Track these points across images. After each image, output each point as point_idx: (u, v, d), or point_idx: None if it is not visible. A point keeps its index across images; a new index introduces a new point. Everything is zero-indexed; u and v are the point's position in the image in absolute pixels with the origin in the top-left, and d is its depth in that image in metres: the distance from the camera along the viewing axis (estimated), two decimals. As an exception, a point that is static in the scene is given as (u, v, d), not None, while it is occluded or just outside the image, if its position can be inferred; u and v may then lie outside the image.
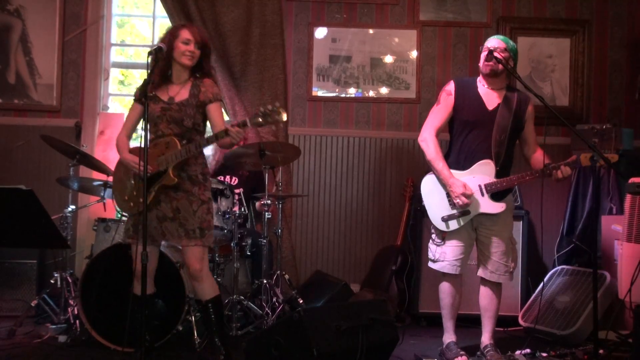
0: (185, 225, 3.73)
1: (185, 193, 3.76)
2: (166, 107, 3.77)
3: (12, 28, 5.91)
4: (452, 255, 4.06)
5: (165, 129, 3.77)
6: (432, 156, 4.07)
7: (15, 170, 5.81)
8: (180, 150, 3.67)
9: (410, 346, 4.46)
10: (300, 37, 6.03)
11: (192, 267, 3.77)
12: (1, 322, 4.80)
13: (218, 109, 3.84)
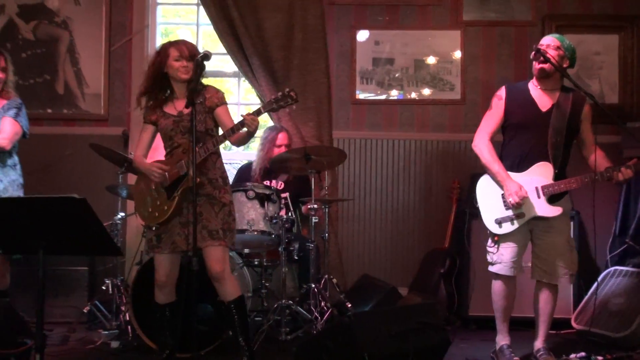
0: (208, 227, 3.79)
1: (206, 197, 3.83)
2: (178, 119, 3.87)
3: (60, 39, 6.02)
4: (508, 256, 4.00)
5: (180, 139, 3.87)
6: (487, 159, 4.04)
7: (64, 179, 5.91)
8: (199, 151, 3.72)
9: (461, 350, 4.41)
10: (342, 40, 6.03)
11: (213, 268, 3.80)
12: (55, 328, 4.88)
13: (226, 111, 3.92)
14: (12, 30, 6.03)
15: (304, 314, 4.71)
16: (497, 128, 4.12)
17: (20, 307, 4.30)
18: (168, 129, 3.88)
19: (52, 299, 5.16)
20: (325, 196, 5.03)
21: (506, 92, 4.12)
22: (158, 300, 3.96)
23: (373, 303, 5.20)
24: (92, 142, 4.94)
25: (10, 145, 4.29)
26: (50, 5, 6.02)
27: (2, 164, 4.27)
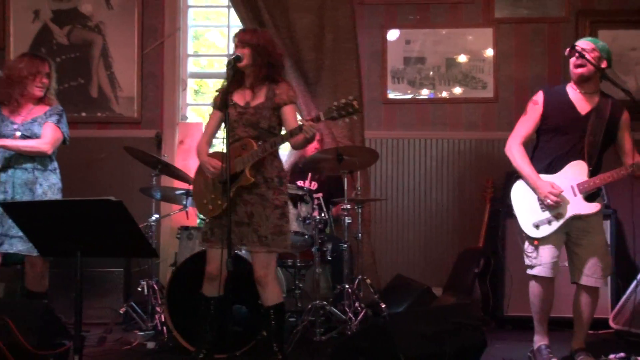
0: (258, 231, 3.76)
1: (260, 197, 3.78)
2: (242, 111, 3.81)
3: (93, 44, 6.10)
4: (548, 258, 3.94)
5: (242, 133, 3.80)
6: (518, 162, 4.00)
7: (99, 182, 5.98)
8: (257, 150, 3.68)
9: (497, 350, 4.36)
10: (373, 40, 6.01)
11: (257, 273, 3.80)
12: (91, 329, 4.91)
13: (292, 111, 3.85)
14: (46, 35, 6.11)
15: (338, 315, 4.70)
16: (531, 133, 4.08)
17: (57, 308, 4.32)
18: (231, 120, 3.78)
19: (88, 301, 5.18)
20: (357, 196, 5.01)
21: (544, 96, 4.07)
22: (205, 292, 3.91)
23: (407, 303, 5.17)
24: (126, 145, 4.99)
25: (52, 150, 4.36)
26: (84, 10, 6.10)
27: (43, 168, 4.33)
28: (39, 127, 4.33)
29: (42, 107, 4.42)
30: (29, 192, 4.27)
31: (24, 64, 4.36)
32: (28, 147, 4.27)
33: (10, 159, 4.30)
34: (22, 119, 4.35)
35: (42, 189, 4.29)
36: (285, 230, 3.83)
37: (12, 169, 4.28)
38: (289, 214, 3.92)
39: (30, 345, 3.19)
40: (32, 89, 4.35)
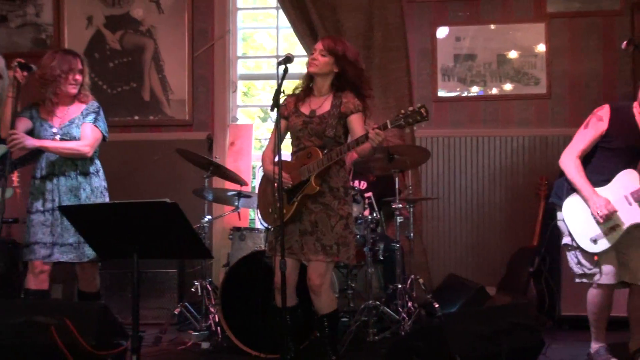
0: (322, 240, 3.70)
1: (324, 207, 3.72)
2: (308, 120, 3.77)
3: (145, 48, 6.19)
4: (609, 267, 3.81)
5: (307, 142, 3.77)
6: (572, 175, 3.90)
7: (152, 184, 6.06)
8: (322, 159, 3.64)
9: (553, 351, 4.28)
10: (422, 38, 5.96)
11: (312, 281, 3.75)
12: (147, 329, 4.98)
13: (359, 120, 3.77)
14: (100, 41, 6.23)
15: (391, 315, 4.68)
16: (589, 147, 3.95)
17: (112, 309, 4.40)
18: (297, 129, 3.79)
19: (143, 301, 5.21)
20: (409, 195, 4.98)
21: (610, 114, 3.91)
22: (278, 303, 3.79)
23: (461, 303, 5.12)
24: (178, 147, 5.04)
25: (92, 151, 4.28)
26: (135, 14, 6.19)
27: (86, 172, 4.28)
28: (77, 128, 4.24)
29: (77, 106, 4.31)
30: (74, 198, 4.23)
31: (56, 62, 4.20)
32: (68, 149, 4.19)
33: (54, 165, 4.24)
34: (60, 121, 4.26)
35: (86, 194, 4.25)
36: (349, 241, 3.76)
37: (56, 177, 4.22)
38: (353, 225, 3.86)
39: (89, 346, 3.23)
40: (66, 88, 4.22)
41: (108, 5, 6.22)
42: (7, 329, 3.31)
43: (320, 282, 3.73)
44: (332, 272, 3.88)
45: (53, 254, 4.16)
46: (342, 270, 5.04)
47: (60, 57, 4.24)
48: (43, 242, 4.17)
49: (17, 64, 4.09)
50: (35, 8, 6.27)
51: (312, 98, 3.84)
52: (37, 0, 6.27)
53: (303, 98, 3.85)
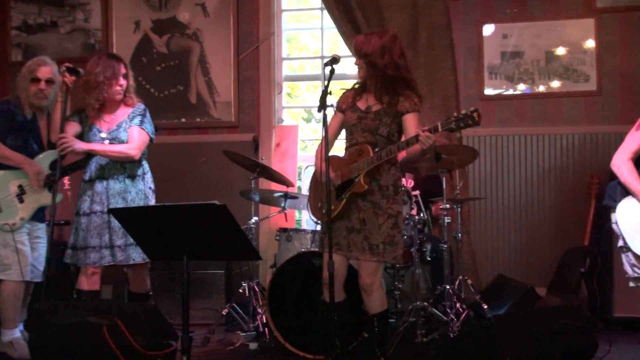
0: (369, 239, 3.67)
1: (373, 205, 3.68)
2: (362, 115, 3.74)
3: (191, 51, 6.25)
4: None
5: (360, 137, 3.73)
6: (625, 178, 3.80)
7: (200, 185, 6.11)
8: (373, 157, 3.60)
9: (607, 353, 4.19)
10: (468, 36, 5.90)
11: (363, 280, 3.72)
12: (195, 329, 5.01)
13: (413, 120, 3.69)
14: (147, 45, 6.32)
15: (440, 316, 4.64)
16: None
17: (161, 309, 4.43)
18: (350, 124, 3.76)
19: (191, 302, 5.22)
20: (457, 195, 4.93)
21: None
22: (326, 298, 3.80)
23: (510, 304, 5.05)
24: (224, 149, 5.08)
25: (140, 154, 4.33)
26: (182, 18, 6.26)
27: (133, 175, 4.34)
28: (125, 132, 4.31)
29: (124, 109, 4.38)
30: (122, 200, 4.29)
31: (100, 68, 4.25)
32: (116, 153, 4.25)
33: (103, 169, 4.31)
34: (108, 126, 4.33)
35: (131, 197, 4.30)
36: (397, 241, 3.71)
37: (105, 180, 4.29)
38: (402, 224, 3.81)
39: (140, 346, 3.27)
40: (111, 94, 4.29)
41: (155, 9, 6.30)
42: (60, 329, 3.37)
43: (371, 280, 3.70)
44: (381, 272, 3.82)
45: (103, 258, 4.23)
46: (389, 271, 5.02)
47: (104, 62, 4.28)
48: (92, 246, 4.25)
49: (65, 69, 4.17)
50: (84, 14, 6.39)
51: (368, 94, 3.79)
52: (86, 6, 6.39)
53: (360, 93, 3.81)
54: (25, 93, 4.40)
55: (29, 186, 4.36)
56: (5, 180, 4.34)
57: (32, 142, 4.43)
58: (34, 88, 4.39)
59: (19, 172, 4.35)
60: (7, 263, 4.30)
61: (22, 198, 4.36)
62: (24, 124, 4.41)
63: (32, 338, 3.50)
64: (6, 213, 4.30)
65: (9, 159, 4.32)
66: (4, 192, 4.31)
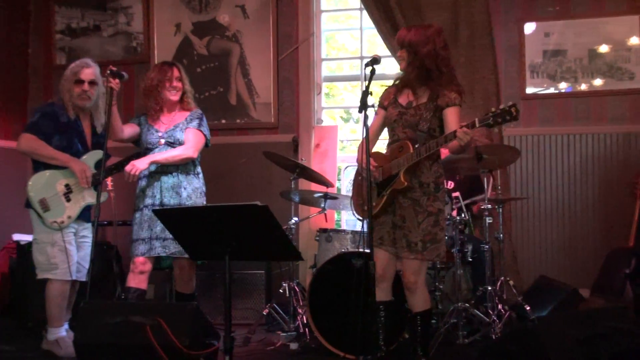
0: (408, 237, 3.63)
1: (413, 202, 3.64)
2: (403, 111, 3.70)
3: (231, 52, 6.28)
4: None
5: (401, 133, 3.70)
6: None
7: (240, 186, 6.14)
8: (412, 153, 3.56)
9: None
10: (509, 34, 5.82)
11: (407, 278, 3.69)
12: (236, 329, 5.03)
13: (454, 114, 3.63)
14: (187, 47, 6.37)
15: (481, 317, 4.58)
16: None
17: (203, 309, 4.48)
18: (392, 119, 3.72)
19: (232, 302, 5.32)
20: (498, 196, 4.86)
21: None
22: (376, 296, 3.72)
23: (553, 306, 4.96)
24: (264, 150, 5.09)
25: (197, 154, 4.48)
26: (222, 20, 6.29)
27: (187, 172, 4.48)
28: (181, 132, 4.46)
29: (182, 113, 4.55)
30: (176, 195, 4.42)
31: (155, 73, 4.51)
32: (177, 157, 4.40)
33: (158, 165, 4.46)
34: (166, 127, 4.50)
35: (187, 193, 4.44)
36: (439, 239, 3.66)
37: (158, 174, 4.44)
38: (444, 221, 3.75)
39: (182, 346, 3.29)
40: (165, 95, 4.47)
41: (195, 12, 6.34)
42: (105, 329, 3.42)
43: (414, 279, 3.66)
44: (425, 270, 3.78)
45: (153, 249, 4.34)
46: (429, 272, 4.96)
47: (158, 68, 4.56)
48: (142, 239, 4.39)
49: (110, 72, 4.26)
50: (126, 17, 6.46)
51: (410, 89, 3.73)
52: (128, 10, 6.46)
53: (402, 89, 3.77)
54: (69, 95, 4.48)
55: (75, 185, 4.43)
56: (53, 179, 4.41)
57: (76, 142, 4.51)
58: (77, 90, 4.47)
59: (66, 171, 4.42)
60: (54, 262, 4.37)
61: (69, 197, 4.43)
62: (69, 125, 4.49)
63: (77, 337, 3.54)
64: (54, 212, 4.37)
65: (56, 158, 4.40)
66: (52, 191, 4.38)
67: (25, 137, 4.40)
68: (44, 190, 4.36)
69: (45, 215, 4.34)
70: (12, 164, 6.24)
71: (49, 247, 4.37)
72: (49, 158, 4.40)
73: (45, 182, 4.38)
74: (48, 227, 4.36)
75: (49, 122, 4.43)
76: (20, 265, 5.49)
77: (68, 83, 4.49)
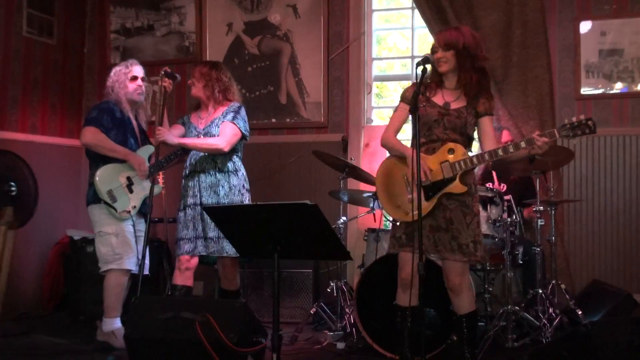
0: (458, 239, 3.60)
1: (460, 204, 3.62)
2: (444, 112, 3.66)
3: (282, 52, 6.31)
4: None
5: (441, 134, 3.65)
6: None
7: (289, 185, 6.17)
8: (472, 158, 3.55)
9: None
10: (564, 33, 5.71)
11: (452, 281, 3.66)
12: (283, 328, 5.04)
13: (490, 122, 3.71)
14: (239, 46, 6.42)
15: (532, 321, 4.52)
16: None
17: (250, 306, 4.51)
18: (431, 119, 3.62)
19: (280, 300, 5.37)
20: (551, 198, 4.78)
21: None
22: (400, 302, 3.77)
23: (605, 311, 4.86)
24: (314, 149, 5.10)
25: (229, 147, 4.42)
26: (273, 20, 6.32)
27: (224, 170, 4.47)
28: (217, 128, 4.47)
29: (220, 109, 4.55)
30: (214, 194, 4.45)
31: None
32: (206, 145, 4.42)
33: (195, 164, 4.51)
34: (204, 123, 4.54)
35: (224, 191, 4.44)
36: (481, 240, 3.68)
37: (197, 174, 4.48)
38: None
39: (230, 342, 3.32)
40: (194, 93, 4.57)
41: (247, 11, 6.39)
42: (156, 324, 3.47)
43: (459, 281, 3.64)
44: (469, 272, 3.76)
45: (196, 247, 4.42)
46: (479, 274, 4.92)
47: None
48: (187, 238, 4.45)
49: (164, 73, 4.38)
50: (179, 17, 6.55)
51: (444, 90, 3.71)
52: (181, 10, 6.54)
53: (435, 88, 3.73)
54: (124, 91, 4.63)
55: (136, 177, 4.59)
56: (116, 171, 4.55)
57: (129, 138, 4.65)
58: (133, 85, 4.65)
59: (125, 164, 4.57)
60: (118, 252, 4.49)
61: (131, 188, 4.58)
62: (123, 121, 4.64)
63: (128, 331, 3.60)
64: (120, 202, 4.51)
65: (116, 151, 4.53)
66: (116, 182, 4.52)
67: (90, 130, 4.52)
68: (109, 183, 4.50)
69: (115, 206, 4.47)
70: (67, 162, 6.40)
71: (114, 237, 4.50)
72: (110, 151, 4.52)
73: (109, 174, 4.52)
74: (117, 217, 4.50)
75: (107, 117, 4.57)
76: (73, 261, 5.63)
77: (123, 80, 4.64)
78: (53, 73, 6.40)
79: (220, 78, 4.54)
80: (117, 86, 4.64)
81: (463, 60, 3.61)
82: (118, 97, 4.63)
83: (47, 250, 6.01)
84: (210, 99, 4.54)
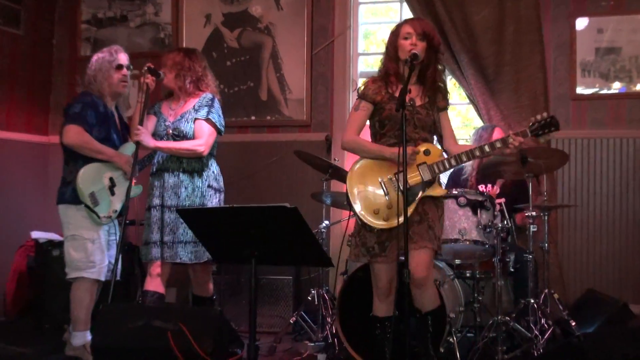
0: (434, 229, 3.66)
1: (433, 198, 3.71)
2: (410, 108, 3.64)
3: (263, 46, 6.29)
4: None
5: (412, 134, 3.66)
6: None
7: (270, 186, 6.15)
8: (449, 160, 3.61)
9: None
10: (559, 30, 5.74)
11: (419, 274, 3.59)
12: (261, 338, 5.04)
13: (448, 117, 3.83)
14: (218, 39, 6.39)
15: (523, 332, 4.53)
16: None
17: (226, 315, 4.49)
18: (398, 117, 3.49)
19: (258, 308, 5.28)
20: (544, 203, 4.80)
21: None
22: (377, 312, 3.81)
23: (600, 321, 4.87)
24: (295, 149, 5.09)
25: (208, 150, 4.37)
26: (254, 12, 6.31)
27: (190, 170, 4.37)
28: (186, 123, 4.35)
29: (192, 100, 4.44)
30: (174, 195, 4.34)
31: None
32: (183, 150, 4.32)
33: (162, 162, 4.42)
34: (174, 116, 4.44)
35: (186, 193, 4.33)
36: None
37: (162, 172, 4.39)
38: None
39: (204, 353, 3.30)
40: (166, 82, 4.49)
41: (227, 2, 6.36)
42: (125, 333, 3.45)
43: (426, 273, 3.65)
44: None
45: (164, 254, 4.31)
46: (468, 282, 4.93)
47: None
48: (153, 242, 4.35)
49: (147, 69, 4.30)
50: (154, 7, 6.51)
51: (410, 85, 3.62)
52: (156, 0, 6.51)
53: (395, 82, 3.73)
54: (108, 82, 4.47)
55: (119, 178, 4.45)
56: (100, 171, 4.40)
57: (112, 133, 4.51)
58: (118, 75, 4.49)
59: (109, 164, 4.42)
60: (92, 260, 4.34)
61: (114, 190, 4.44)
62: (106, 116, 4.48)
63: (95, 339, 3.58)
64: (102, 206, 4.36)
65: (103, 153, 4.38)
66: (99, 184, 4.37)
67: (74, 129, 4.32)
68: (92, 184, 4.34)
69: (97, 210, 4.33)
70: (33, 159, 6.34)
71: (89, 243, 4.35)
72: (96, 152, 4.36)
73: (93, 175, 4.36)
74: (97, 222, 4.36)
75: (91, 112, 4.38)
76: (39, 265, 5.57)
77: (107, 70, 4.46)
78: (20, 65, 6.35)
79: (192, 67, 4.43)
80: (100, 76, 4.46)
81: (431, 54, 3.67)
82: (101, 88, 4.46)
83: (11, 253, 5.94)
84: (182, 89, 4.44)
